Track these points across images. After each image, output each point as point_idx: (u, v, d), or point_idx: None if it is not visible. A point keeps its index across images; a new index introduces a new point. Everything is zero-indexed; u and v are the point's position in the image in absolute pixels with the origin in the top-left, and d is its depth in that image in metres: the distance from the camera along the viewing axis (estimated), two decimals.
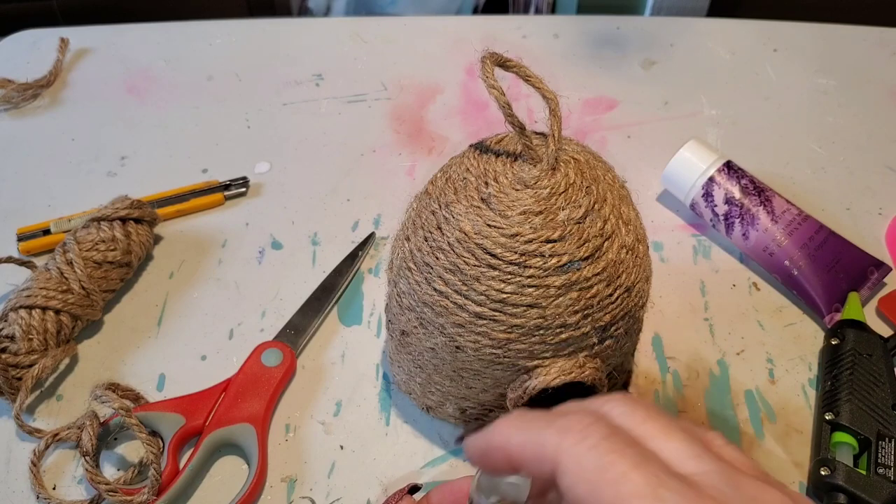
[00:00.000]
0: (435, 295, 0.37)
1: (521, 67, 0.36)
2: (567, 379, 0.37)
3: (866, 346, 0.45)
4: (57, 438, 0.43)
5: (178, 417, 0.44)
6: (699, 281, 0.53)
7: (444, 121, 0.65)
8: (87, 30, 0.74)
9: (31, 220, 0.56)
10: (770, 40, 0.72)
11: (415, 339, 0.39)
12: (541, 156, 0.36)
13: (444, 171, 0.39)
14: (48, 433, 0.43)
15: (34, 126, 0.65)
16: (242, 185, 0.59)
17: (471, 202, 0.36)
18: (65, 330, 0.47)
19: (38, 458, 0.42)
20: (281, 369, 0.46)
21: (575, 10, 1.16)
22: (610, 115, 0.65)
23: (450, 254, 0.36)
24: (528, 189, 0.36)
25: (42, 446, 0.43)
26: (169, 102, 0.67)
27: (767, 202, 0.52)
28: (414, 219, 0.39)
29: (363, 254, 0.54)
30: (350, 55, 0.71)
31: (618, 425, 0.24)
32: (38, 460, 0.42)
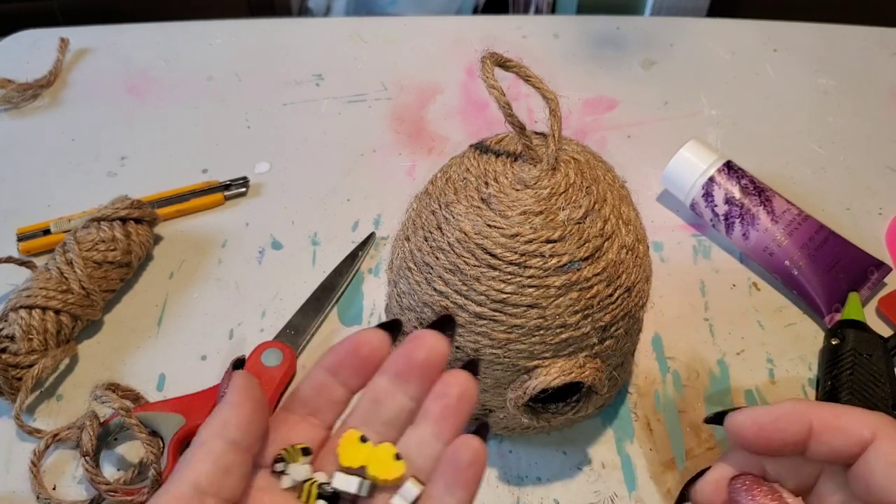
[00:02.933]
0: (435, 295, 0.37)
1: (521, 67, 0.36)
2: (567, 379, 0.37)
3: (866, 346, 0.45)
4: (57, 438, 0.43)
5: (178, 417, 0.44)
6: (699, 281, 0.53)
7: (444, 121, 0.65)
8: (87, 30, 0.74)
9: (31, 220, 0.56)
10: (770, 40, 0.72)
11: None
12: (541, 156, 0.36)
13: (444, 171, 0.39)
14: (48, 433, 0.43)
15: (34, 126, 0.65)
16: (242, 185, 0.59)
17: (471, 202, 0.36)
18: (65, 330, 0.47)
19: (38, 458, 0.42)
20: (281, 369, 0.46)
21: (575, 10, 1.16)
22: (610, 115, 0.65)
23: (450, 254, 0.36)
24: (528, 189, 0.36)
25: (42, 446, 0.43)
26: (169, 102, 0.67)
27: (767, 202, 0.52)
28: (414, 219, 0.39)
29: (363, 254, 0.54)
30: (350, 55, 0.71)
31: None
32: (38, 460, 0.42)
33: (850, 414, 0.27)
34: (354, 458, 0.30)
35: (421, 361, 0.31)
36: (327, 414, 0.31)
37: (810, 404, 0.28)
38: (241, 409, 0.28)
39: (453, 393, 0.31)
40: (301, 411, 0.31)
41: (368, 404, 0.31)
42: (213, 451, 0.27)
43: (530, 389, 0.37)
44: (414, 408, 0.31)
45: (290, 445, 0.30)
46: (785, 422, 0.28)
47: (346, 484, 0.29)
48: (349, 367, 0.31)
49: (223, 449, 0.27)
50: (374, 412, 0.31)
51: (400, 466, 0.30)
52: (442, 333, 0.31)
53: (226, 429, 0.28)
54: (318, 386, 0.31)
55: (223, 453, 0.27)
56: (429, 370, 0.31)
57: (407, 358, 0.31)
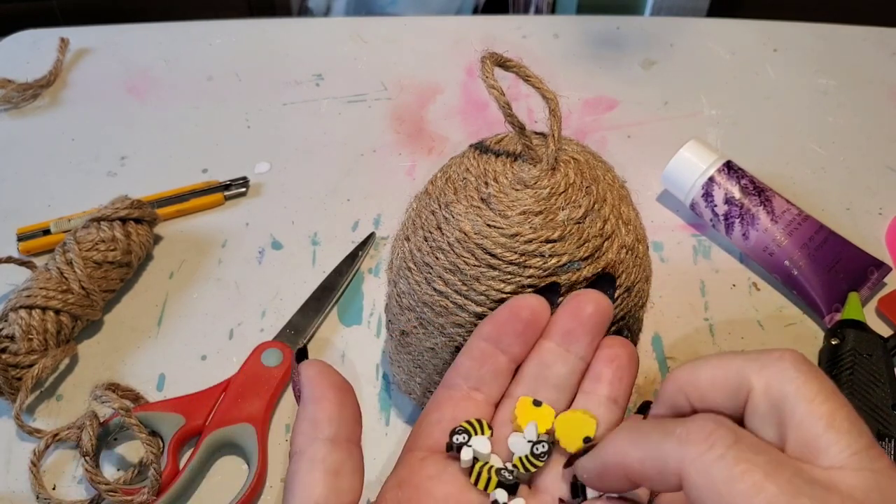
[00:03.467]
0: (435, 295, 0.37)
1: (521, 67, 0.36)
2: None
3: (866, 346, 0.45)
4: (57, 438, 0.43)
5: (178, 417, 0.44)
6: (699, 281, 0.53)
7: (444, 121, 0.65)
8: (87, 30, 0.74)
9: (31, 220, 0.56)
10: (770, 40, 0.72)
11: (415, 339, 0.39)
12: (541, 156, 0.36)
13: (444, 171, 0.39)
14: (48, 433, 0.43)
15: (34, 126, 0.65)
16: (242, 185, 0.59)
17: (471, 202, 0.36)
18: (65, 330, 0.47)
19: (38, 458, 0.42)
20: (281, 369, 0.46)
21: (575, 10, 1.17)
22: (610, 115, 0.65)
23: (450, 254, 0.36)
24: (528, 189, 0.36)
25: (42, 446, 0.43)
26: (169, 102, 0.67)
27: (767, 202, 0.52)
28: (414, 219, 0.39)
29: (363, 254, 0.54)
30: (350, 55, 0.71)
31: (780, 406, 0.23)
32: (38, 460, 0.42)
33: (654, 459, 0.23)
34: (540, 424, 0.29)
35: (589, 316, 0.30)
36: (492, 386, 0.30)
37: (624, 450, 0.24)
38: (323, 401, 0.27)
39: (624, 354, 0.30)
40: (464, 386, 0.30)
41: (536, 369, 0.30)
42: (315, 458, 0.26)
43: None
44: (583, 369, 0.31)
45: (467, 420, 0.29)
46: (608, 478, 0.25)
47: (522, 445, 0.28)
48: (510, 332, 0.30)
49: (324, 453, 0.26)
50: (543, 377, 0.30)
51: (592, 422, 0.29)
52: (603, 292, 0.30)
53: (317, 429, 0.27)
54: (480, 357, 0.30)
55: (325, 457, 0.26)
56: (597, 327, 0.30)
57: (573, 316, 0.30)
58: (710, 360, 0.25)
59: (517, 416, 0.29)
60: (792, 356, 0.23)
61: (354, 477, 0.27)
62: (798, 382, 0.23)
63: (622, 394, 0.31)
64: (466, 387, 0.30)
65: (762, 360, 0.24)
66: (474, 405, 0.30)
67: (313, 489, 0.26)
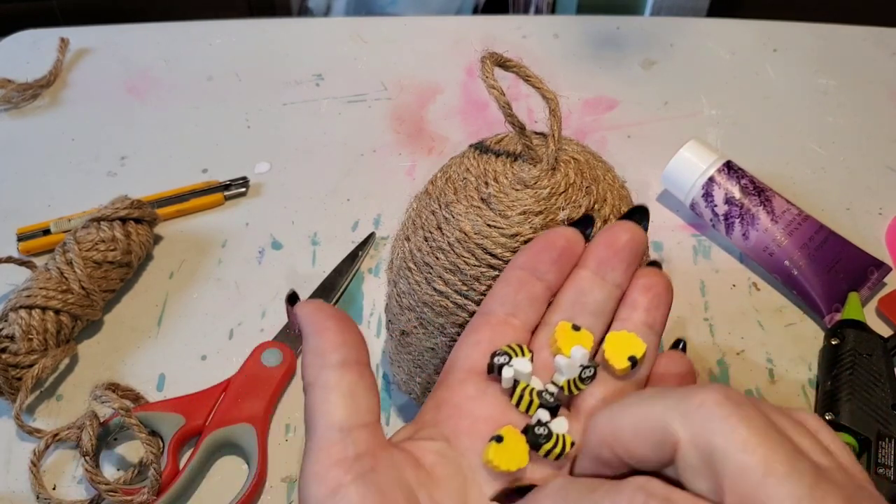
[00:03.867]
0: (435, 295, 0.37)
1: (521, 67, 0.36)
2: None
3: (866, 346, 0.45)
4: (57, 438, 0.43)
5: (178, 417, 0.44)
6: (699, 281, 0.53)
7: (444, 121, 0.65)
8: (87, 30, 0.74)
9: (31, 220, 0.56)
10: (770, 40, 0.72)
11: (415, 339, 0.39)
12: (541, 156, 0.36)
13: (444, 171, 0.39)
14: (48, 433, 0.43)
15: (34, 126, 0.65)
16: (242, 185, 0.59)
17: (471, 202, 0.36)
18: (65, 330, 0.47)
19: (38, 458, 0.42)
20: (281, 369, 0.46)
21: (575, 10, 1.17)
22: (610, 115, 0.65)
23: (450, 254, 0.36)
24: (528, 189, 0.36)
25: (42, 446, 0.43)
26: (169, 102, 0.67)
27: (767, 202, 0.52)
28: (414, 219, 0.39)
29: (363, 254, 0.54)
30: (350, 55, 0.71)
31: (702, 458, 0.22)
32: (38, 460, 0.42)
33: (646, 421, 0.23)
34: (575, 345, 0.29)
35: (624, 244, 0.30)
36: (528, 312, 0.30)
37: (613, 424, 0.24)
38: (325, 331, 0.27)
39: (660, 284, 0.31)
40: (500, 312, 0.30)
41: (572, 296, 0.30)
42: (329, 385, 0.26)
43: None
44: (619, 296, 0.31)
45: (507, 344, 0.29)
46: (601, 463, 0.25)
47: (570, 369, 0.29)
48: (546, 260, 0.30)
49: (336, 378, 0.26)
50: (580, 304, 0.30)
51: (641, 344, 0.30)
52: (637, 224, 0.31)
53: (324, 358, 0.27)
54: (516, 283, 0.31)
55: (338, 382, 0.26)
56: (633, 255, 0.30)
57: (609, 245, 0.30)
58: (630, 408, 0.24)
59: (557, 339, 0.30)
60: (714, 399, 0.22)
61: (370, 395, 0.27)
62: (725, 431, 0.21)
63: (658, 321, 0.31)
64: (503, 312, 0.30)
65: (683, 408, 0.22)
66: (511, 330, 0.30)
67: (332, 413, 0.26)
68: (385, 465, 0.26)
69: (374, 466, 0.25)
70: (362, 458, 0.25)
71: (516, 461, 0.27)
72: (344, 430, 0.26)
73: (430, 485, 0.26)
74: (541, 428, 0.28)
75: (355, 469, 0.25)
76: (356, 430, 0.26)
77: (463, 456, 0.28)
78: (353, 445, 0.26)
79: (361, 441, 0.26)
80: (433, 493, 0.26)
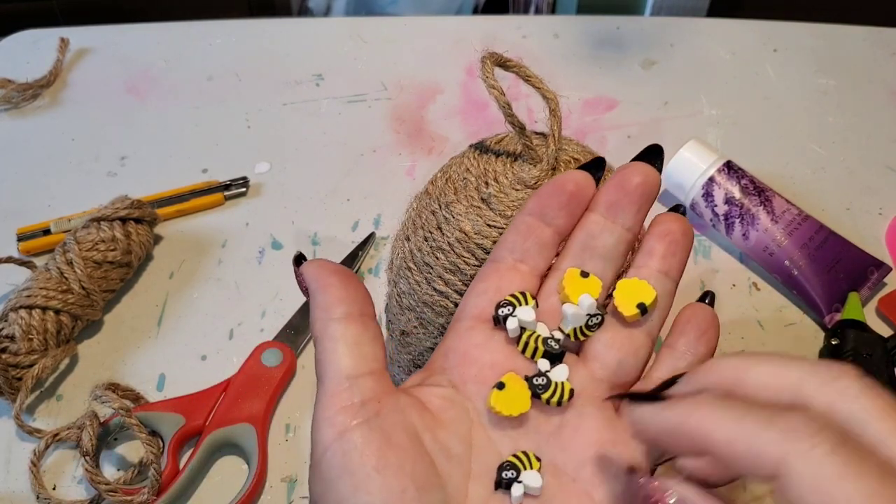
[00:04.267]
0: (435, 295, 0.37)
1: (521, 67, 0.36)
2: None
3: (866, 346, 0.45)
4: (57, 438, 0.43)
5: (178, 417, 0.44)
6: (699, 281, 0.53)
7: (444, 121, 0.65)
8: (87, 30, 0.74)
9: (31, 220, 0.56)
10: (770, 40, 0.72)
11: (415, 339, 0.39)
12: (541, 156, 0.36)
13: (444, 171, 0.39)
14: (48, 433, 0.43)
15: (34, 126, 0.65)
16: (242, 185, 0.59)
17: (471, 202, 0.36)
18: (65, 330, 0.47)
19: (38, 458, 0.42)
20: (281, 369, 0.46)
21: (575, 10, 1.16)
22: (610, 115, 0.65)
23: (450, 254, 0.36)
24: (528, 189, 0.36)
25: (42, 446, 0.43)
26: (169, 102, 0.67)
27: (767, 202, 0.52)
28: (414, 219, 0.39)
29: (363, 254, 0.54)
30: (350, 55, 0.71)
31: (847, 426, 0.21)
32: (38, 460, 0.42)
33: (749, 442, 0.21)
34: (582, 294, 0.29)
35: (636, 186, 0.30)
36: (537, 259, 0.31)
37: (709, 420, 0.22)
38: (329, 287, 0.28)
39: (677, 229, 0.31)
40: (509, 258, 0.31)
41: (582, 240, 0.30)
42: (335, 336, 0.27)
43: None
44: (631, 240, 0.31)
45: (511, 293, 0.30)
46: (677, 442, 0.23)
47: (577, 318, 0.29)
48: (555, 205, 0.30)
49: (342, 330, 0.27)
50: (590, 248, 0.30)
51: (651, 291, 0.30)
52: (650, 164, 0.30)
53: (329, 312, 0.28)
54: (524, 230, 0.31)
55: (343, 333, 0.27)
56: (645, 197, 0.30)
57: (620, 186, 0.30)
58: (763, 362, 0.24)
59: (565, 286, 0.30)
60: (854, 372, 0.22)
61: (375, 345, 0.28)
62: (864, 401, 0.21)
63: (675, 268, 0.31)
64: (512, 259, 0.31)
65: (822, 376, 0.22)
66: (520, 276, 0.30)
67: (340, 363, 0.27)
68: (390, 409, 0.27)
69: (378, 411, 0.26)
70: (368, 403, 0.26)
71: (518, 406, 0.28)
72: (351, 378, 0.27)
73: (436, 427, 0.27)
74: (540, 378, 0.29)
75: (361, 414, 0.26)
76: (362, 377, 0.27)
77: (469, 400, 0.29)
78: (359, 392, 0.27)
79: (367, 388, 0.27)
80: (438, 434, 0.27)
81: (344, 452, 0.25)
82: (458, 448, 0.27)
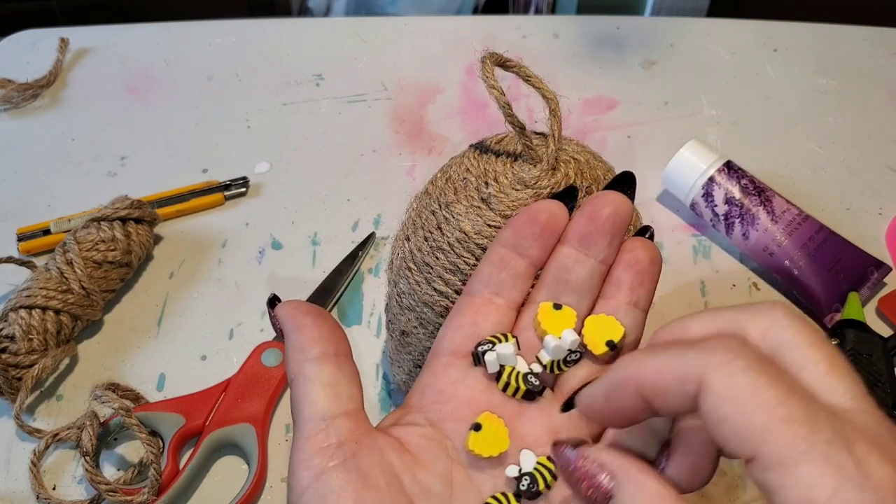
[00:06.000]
0: (435, 295, 0.37)
1: (521, 67, 0.36)
2: None
3: (866, 346, 0.45)
4: (57, 438, 0.43)
5: (178, 417, 0.44)
6: (699, 281, 0.53)
7: (444, 121, 0.65)
8: (87, 30, 0.74)
9: (31, 220, 0.56)
10: (770, 40, 0.72)
11: (415, 339, 0.39)
12: (541, 156, 0.36)
13: (444, 171, 0.39)
14: (48, 433, 0.43)
15: (34, 126, 0.65)
16: (242, 185, 0.59)
17: (471, 202, 0.36)
18: (65, 330, 0.47)
19: (38, 458, 0.42)
20: (281, 369, 0.46)
21: (575, 10, 1.17)
22: (610, 115, 0.65)
23: (450, 254, 0.36)
24: (528, 189, 0.36)
25: (42, 446, 0.43)
26: (169, 102, 0.67)
27: (767, 202, 0.52)
28: (414, 219, 0.39)
29: (363, 254, 0.54)
30: (350, 55, 0.71)
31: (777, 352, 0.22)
32: (38, 460, 0.42)
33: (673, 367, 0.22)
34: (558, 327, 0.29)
35: (607, 218, 0.30)
36: (512, 291, 0.31)
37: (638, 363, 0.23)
38: (303, 328, 0.28)
39: (644, 258, 0.30)
40: (484, 292, 0.31)
41: (556, 272, 0.30)
42: (310, 377, 0.27)
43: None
44: (604, 271, 0.31)
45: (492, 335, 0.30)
46: (617, 397, 0.24)
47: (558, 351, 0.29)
48: (528, 235, 0.30)
49: (316, 370, 0.27)
50: (563, 281, 0.30)
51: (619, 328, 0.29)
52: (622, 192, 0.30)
53: (304, 352, 0.28)
54: (498, 262, 0.31)
55: (318, 374, 0.27)
56: (616, 228, 0.30)
57: (591, 218, 0.30)
58: (701, 314, 0.25)
59: (540, 321, 0.30)
60: (783, 306, 0.23)
61: (351, 384, 0.28)
62: (794, 329, 0.23)
63: (643, 298, 0.31)
64: (487, 292, 0.31)
65: (754, 310, 0.24)
66: (495, 310, 0.30)
67: (316, 404, 0.27)
68: (368, 450, 0.27)
69: (356, 452, 0.26)
70: (344, 444, 0.26)
71: (497, 446, 0.28)
72: (326, 419, 0.27)
73: (415, 467, 0.27)
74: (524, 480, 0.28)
75: (338, 455, 0.26)
76: (338, 418, 0.27)
77: (448, 439, 0.28)
78: (335, 433, 0.26)
79: (344, 428, 0.27)
80: (417, 474, 0.27)
81: (321, 496, 0.25)
82: (438, 488, 0.27)
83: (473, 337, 0.30)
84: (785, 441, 0.20)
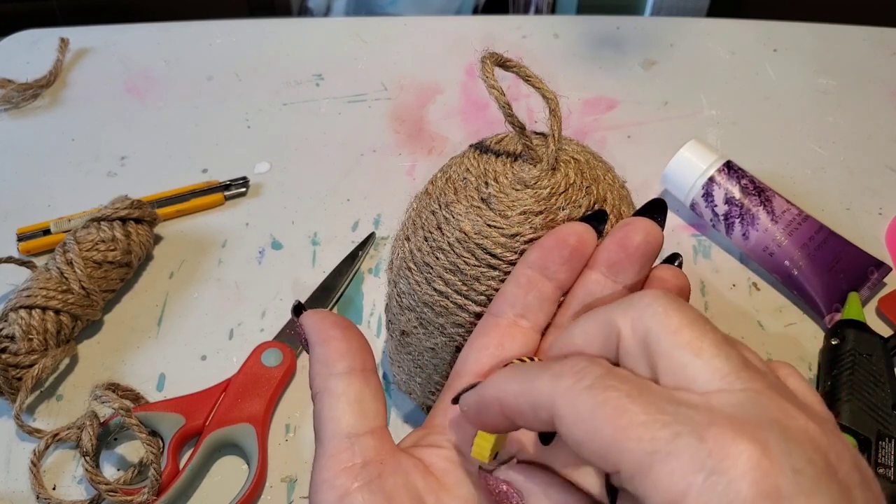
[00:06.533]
0: (435, 295, 0.37)
1: (521, 67, 0.36)
2: None
3: (866, 346, 0.45)
4: (57, 438, 0.43)
5: (178, 417, 0.44)
6: (699, 281, 0.53)
7: (444, 121, 0.65)
8: (87, 30, 0.74)
9: (31, 220, 0.56)
10: (770, 40, 0.72)
11: (415, 339, 0.39)
12: (541, 156, 0.36)
13: (444, 171, 0.39)
14: (48, 433, 0.43)
15: (34, 126, 0.65)
16: (242, 185, 0.59)
17: (471, 202, 0.36)
18: (65, 330, 0.47)
19: (38, 458, 0.42)
20: (281, 369, 0.46)
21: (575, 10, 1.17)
22: (610, 115, 0.65)
23: (450, 254, 0.36)
24: (528, 189, 0.36)
25: (42, 446, 0.43)
26: (169, 102, 0.67)
27: (767, 202, 0.52)
28: (414, 219, 0.39)
29: (363, 254, 0.54)
30: (350, 55, 0.71)
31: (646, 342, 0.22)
32: (38, 460, 0.42)
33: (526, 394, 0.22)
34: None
35: (637, 246, 0.29)
36: (538, 314, 0.30)
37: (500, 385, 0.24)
38: (331, 340, 0.28)
39: (673, 288, 0.29)
40: (510, 314, 0.30)
41: (583, 297, 0.30)
42: (336, 393, 0.27)
43: None
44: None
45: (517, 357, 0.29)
46: (486, 413, 0.24)
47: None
48: (556, 258, 0.30)
49: (343, 386, 0.27)
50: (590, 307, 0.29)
51: None
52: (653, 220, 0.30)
53: (330, 367, 0.27)
54: (525, 283, 0.30)
55: (345, 389, 0.27)
56: (646, 257, 0.29)
57: (621, 245, 0.29)
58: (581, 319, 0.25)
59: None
60: (654, 293, 0.23)
61: (376, 401, 0.28)
62: (661, 316, 0.22)
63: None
64: (512, 314, 0.30)
65: (626, 303, 0.24)
66: (521, 332, 0.30)
67: (340, 421, 0.26)
68: (392, 470, 0.26)
69: (381, 473, 0.26)
70: (369, 464, 0.26)
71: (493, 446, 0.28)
72: (352, 437, 0.26)
73: (439, 490, 0.27)
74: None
75: (363, 476, 0.25)
76: (364, 436, 0.26)
77: (471, 462, 0.28)
78: (360, 452, 0.26)
79: (369, 447, 0.26)
80: (441, 497, 0.26)
81: None
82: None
83: (498, 359, 0.30)
84: (633, 447, 0.20)
